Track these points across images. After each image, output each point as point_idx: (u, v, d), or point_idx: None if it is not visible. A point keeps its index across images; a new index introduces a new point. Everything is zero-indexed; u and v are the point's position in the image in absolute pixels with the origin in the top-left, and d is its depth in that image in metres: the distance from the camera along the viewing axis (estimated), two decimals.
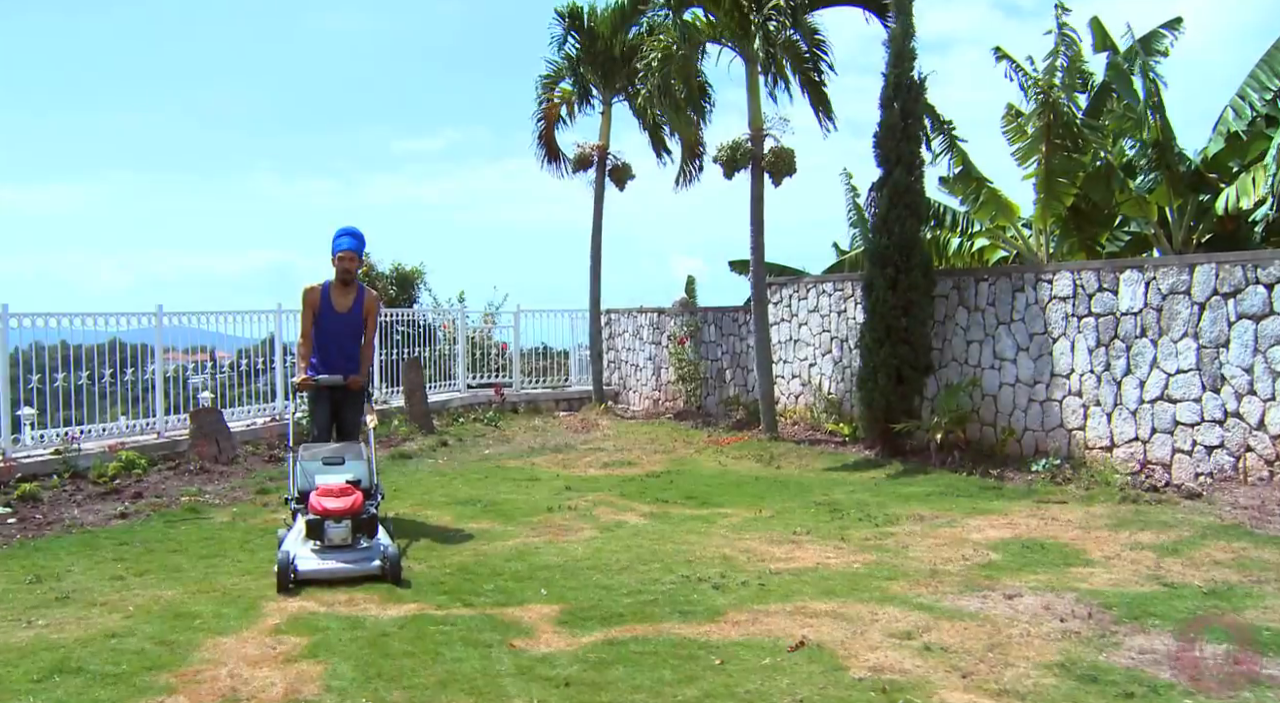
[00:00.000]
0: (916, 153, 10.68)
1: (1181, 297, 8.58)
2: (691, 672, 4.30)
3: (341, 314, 7.49)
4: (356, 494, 6.22)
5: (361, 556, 6.08)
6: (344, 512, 6.08)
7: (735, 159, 12.24)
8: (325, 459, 6.65)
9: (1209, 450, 8.38)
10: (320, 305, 7.45)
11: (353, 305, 7.52)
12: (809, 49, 12.52)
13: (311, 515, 6.12)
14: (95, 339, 10.87)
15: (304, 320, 7.52)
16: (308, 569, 5.91)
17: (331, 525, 6.06)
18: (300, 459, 6.70)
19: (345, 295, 7.50)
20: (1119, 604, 5.23)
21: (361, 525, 6.16)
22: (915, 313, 10.58)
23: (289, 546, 6.10)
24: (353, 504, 6.13)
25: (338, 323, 7.49)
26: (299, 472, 6.62)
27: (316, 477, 6.46)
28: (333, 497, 6.16)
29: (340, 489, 6.22)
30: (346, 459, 6.69)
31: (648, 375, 16.76)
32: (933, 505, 8.21)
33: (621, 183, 16.15)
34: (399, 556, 6.07)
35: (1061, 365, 9.64)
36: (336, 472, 6.52)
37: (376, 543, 6.18)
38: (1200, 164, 10.93)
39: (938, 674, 4.20)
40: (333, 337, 7.51)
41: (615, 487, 9.57)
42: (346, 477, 6.47)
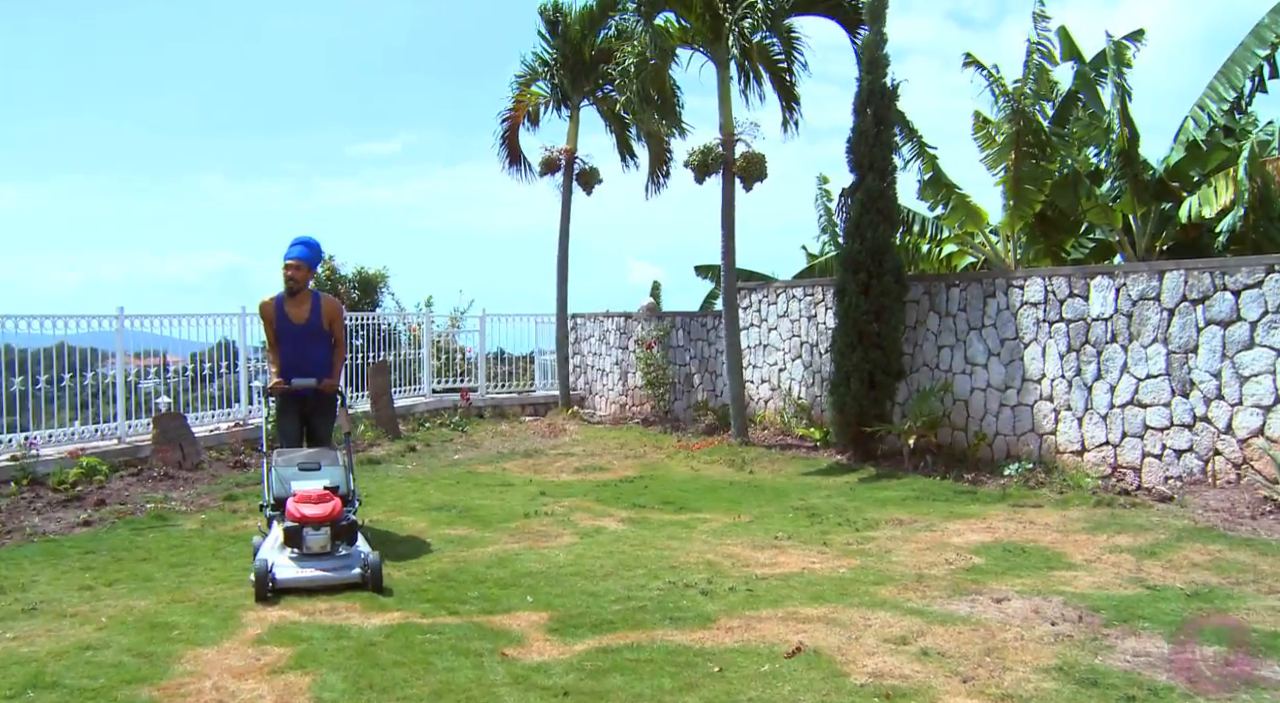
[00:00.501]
0: (889, 159, 10.74)
1: (1151, 303, 8.70)
2: (691, 679, 4.25)
3: (300, 325, 7.21)
4: (335, 500, 6.07)
5: (341, 563, 5.92)
6: (323, 518, 5.92)
7: (707, 164, 12.22)
8: (301, 465, 6.49)
9: (1178, 454, 8.50)
10: (276, 318, 7.22)
11: (309, 315, 7.23)
12: (783, 50, 12.52)
13: (289, 522, 5.95)
14: (41, 342, 10.54)
15: (266, 334, 7.36)
16: (286, 578, 5.74)
17: (310, 533, 5.90)
18: (275, 465, 6.52)
19: (299, 306, 7.19)
20: (1106, 607, 5.27)
21: (341, 532, 6.01)
22: (887, 318, 10.63)
23: (265, 553, 5.93)
24: (332, 511, 5.96)
25: (297, 333, 7.22)
26: (274, 478, 6.43)
27: (293, 483, 6.29)
28: (311, 503, 5.98)
29: (319, 495, 6.05)
30: (323, 465, 6.53)
31: (614, 380, 16.69)
32: (910, 510, 8.24)
33: (589, 187, 16.08)
34: (380, 563, 5.90)
35: (1033, 370, 9.74)
36: (313, 478, 6.36)
37: (356, 551, 6.03)
38: (1163, 173, 11.11)
39: (938, 679, 4.19)
40: (295, 347, 7.24)
41: (589, 492, 9.50)
42: (324, 483, 6.31)
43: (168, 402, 11.83)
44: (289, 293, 7.13)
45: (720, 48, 12.25)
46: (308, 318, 7.18)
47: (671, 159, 15.53)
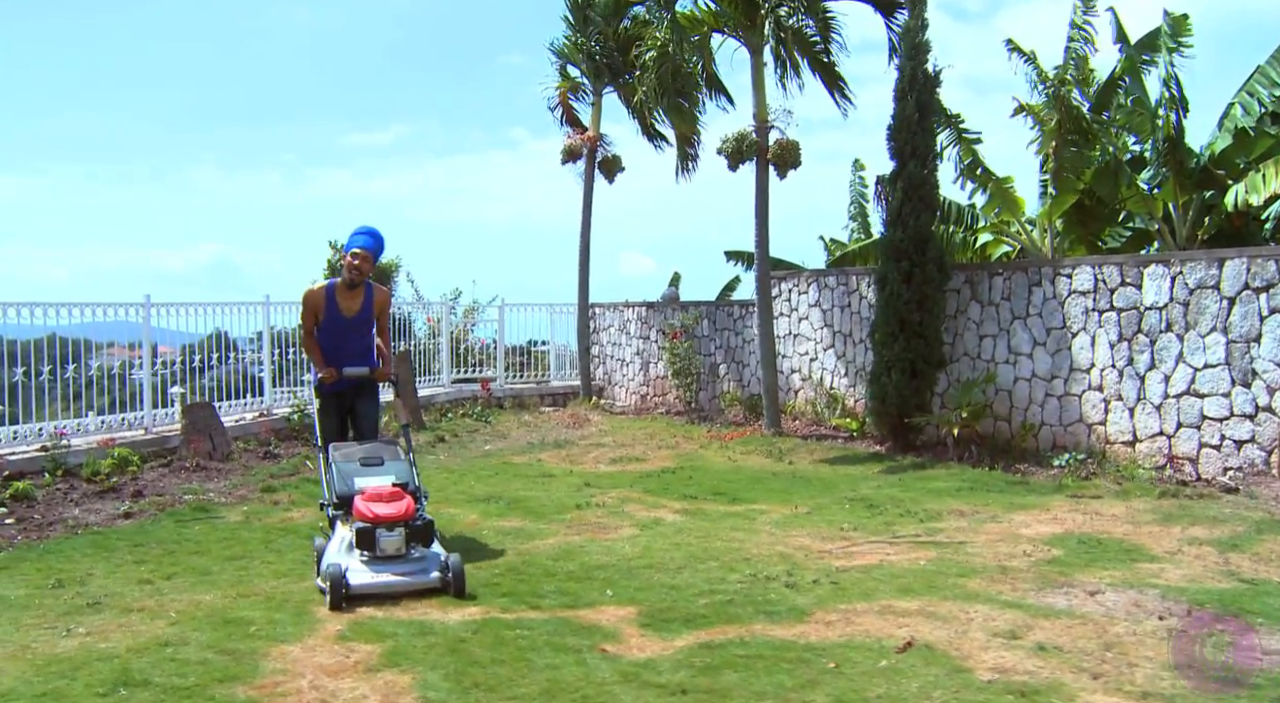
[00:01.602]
0: (931, 146, 10.60)
1: (1210, 291, 8.57)
2: (809, 676, 4.10)
3: (349, 319, 6.74)
4: (408, 498, 5.63)
5: (417, 566, 5.50)
6: (397, 517, 5.48)
7: (741, 151, 12.06)
8: (363, 460, 6.03)
9: (1238, 445, 8.38)
10: (324, 309, 6.71)
11: (360, 308, 6.76)
12: (819, 34, 12.30)
13: (360, 523, 5.48)
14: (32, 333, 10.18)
15: (305, 323, 6.85)
16: (361, 584, 5.31)
17: (384, 534, 5.45)
18: (334, 461, 6.06)
19: (353, 298, 6.73)
20: (1210, 602, 5.13)
21: (416, 533, 5.58)
22: (929, 307, 10.49)
23: (335, 557, 5.49)
24: (406, 509, 5.52)
25: (345, 326, 6.74)
26: (334, 474, 5.94)
27: (356, 479, 5.82)
28: (383, 502, 5.54)
29: (390, 493, 5.60)
30: (386, 459, 6.07)
31: (635, 370, 16.52)
32: (967, 501, 8.10)
33: (611, 175, 15.91)
34: (462, 566, 5.46)
35: (1081, 360, 9.60)
36: (378, 473, 5.90)
37: (432, 552, 5.62)
38: (1208, 160, 10.97)
39: (1066, 676, 4.05)
40: (338, 339, 6.76)
41: (634, 483, 9.34)
42: (390, 478, 5.86)
43: (182, 392, 11.60)
44: (349, 284, 6.70)
45: (754, 33, 12.07)
46: (359, 310, 6.79)
47: (700, 144, 15.31)
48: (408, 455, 6.26)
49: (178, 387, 11.68)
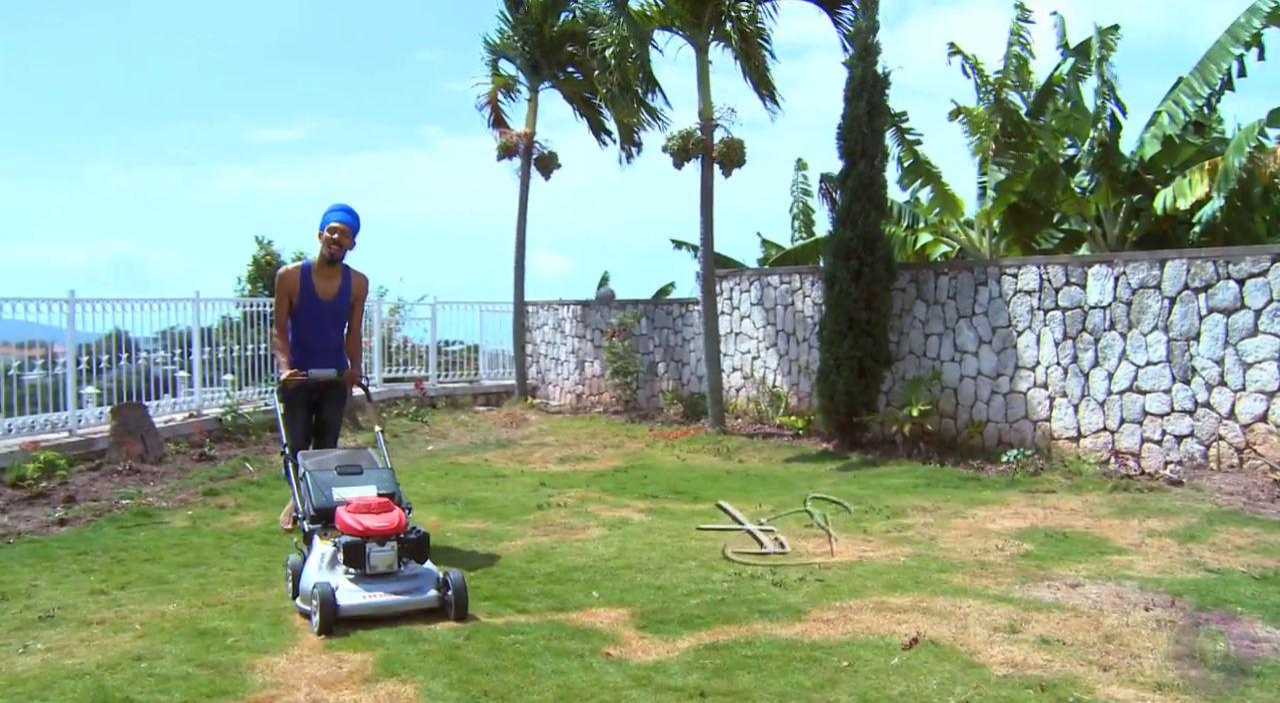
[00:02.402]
0: (880, 146, 10.72)
1: (1152, 291, 8.84)
2: (825, 675, 4.04)
3: (326, 302, 6.47)
4: (398, 510, 5.14)
5: (411, 584, 4.99)
6: (389, 531, 4.96)
7: (687, 149, 12.02)
8: (340, 469, 5.55)
9: (1179, 439, 8.66)
10: (300, 291, 6.42)
11: (338, 291, 6.51)
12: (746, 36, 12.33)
13: (347, 537, 4.94)
14: None
15: (278, 309, 6.51)
16: (352, 605, 4.77)
17: (375, 549, 4.92)
18: (307, 470, 5.52)
19: (330, 279, 6.47)
20: (1185, 592, 5.24)
21: (410, 547, 5.06)
22: (877, 306, 10.60)
23: (317, 575, 4.94)
24: (398, 522, 5.03)
25: (320, 312, 6.48)
26: (310, 485, 5.40)
27: (334, 490, 5.34)
28: (371, 513, 5.02)
29: (379, 504, 5.10)
30: (364, 468, 5.62)
31: (570, 369, 16.36)
32: (926, 496, 8.20)
33: (548, 171, 15.71)
34: (464, 583, 4.96)
35: (1027, 358, 9.82)
36: (357, 483, 5.44)
37: (426, 569, 5.12)
38: (1138, 166, 11.34)
39: (1077, 668, 4.08)
40: (314, 327, 6.48)
41: (589, 483, 9.22)
42: (371, 489, 5.41)
43: (94, 392, 11.08)
44: (328, 261, 6.41)
45: (700, 31, 12.06)
46: (336, 293, 6.49)
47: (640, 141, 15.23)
48: (385, 464, 5.85)
49: (90, 386, 11.15)
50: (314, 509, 5.30)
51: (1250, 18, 10.39)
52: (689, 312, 14.32)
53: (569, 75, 15.29)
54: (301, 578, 5.05)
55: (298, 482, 5.58)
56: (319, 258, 6.51)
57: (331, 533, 5.12)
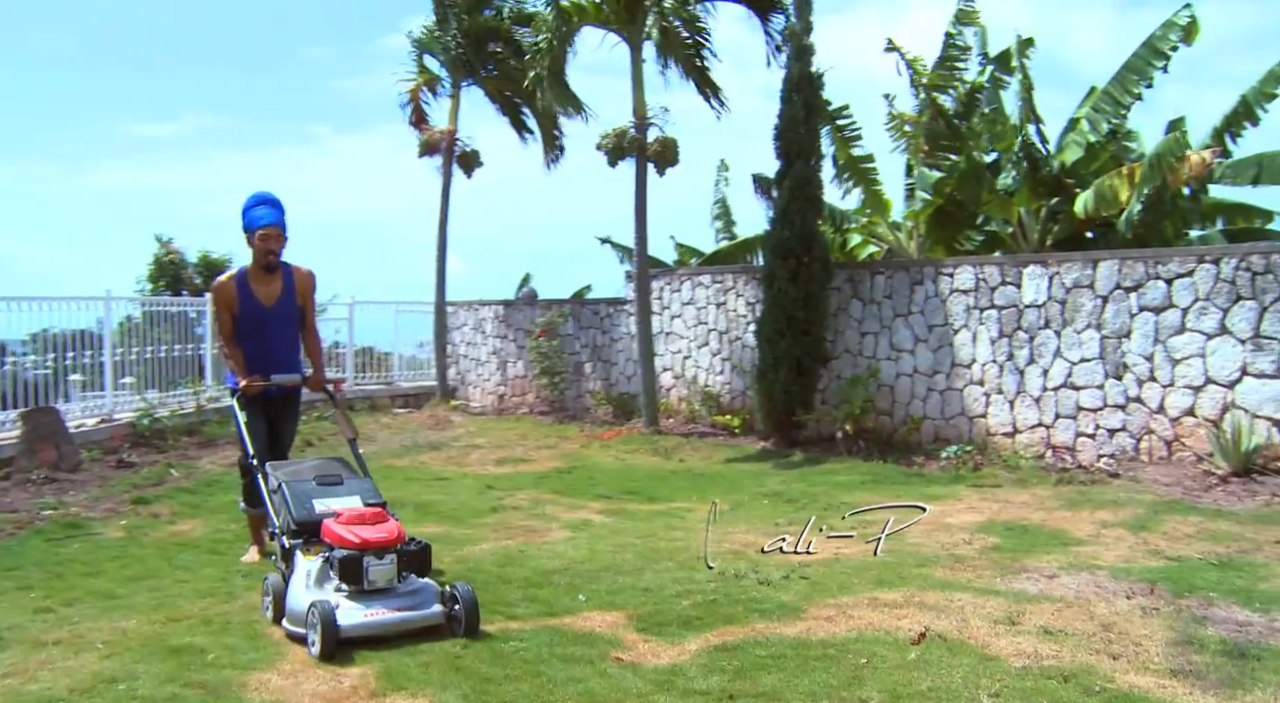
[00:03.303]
0: (816, 146, 10.83)
1: (1085, 290, 9.14)
2: (848, 673, 4.01)
3: (270, 308, 5.90)
4: (393, 520, 4.74)
5: (414, 600, 4.57)
6: (388, 542, 4.56)
7: (622, 147, 11.94)
8: (319, 479, 5.10)
9: (1111, 433, 8.98)
10: (240, 302, 5.85)
11: (281, 293, 5.92)
12: (691, 36, 12.36)
13: (341, 551, 4.52)
14: None
15: (221, 325, 5.99)
16: (353, 625, 4.34)
17: (374, 562, 4.51)
18: (282, 482, 5.06)
19: (270, 283, 5.88)
20: (1159, 580, 5.39)
21: (410, 560, 4.64)
22: (815, 305, 10.71)
23: (306, 595, 4.51)
24: (397, 533, 4.64)
25: (266, 320, 5.91)
26: (288, 497, 4.94)
27: (315, 501, 4.91)
28: (366, 524, 4.62)
29: (373, 514, 4.70)
30: (344, 478, 5.18)
31: (491, 370, 16.10)
32: (877, 493, 8.29)
33: (470, 169, 15.43)
34: (474, 596, 4.56)
35: (963, 356, 10.05)
36: (339, 494, 5.00)
37: (425, 583, 4.72)
38: (1059, 170, 11.72)
39: (1088, 658, 4.14)
40: (263, 336, 5.92)
41: (535, 484, 9.06)
42: (355, 499, 4.98)
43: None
44: (266, 268, 5.83)
45: (635, 29, 11.99)
46: (279, 297, 5.96)
47: (562, 139, 15.10)
48: (365, 473, 5.43)
49: None
50: (294, 523, 4.83)
51: (1166, 32, 10.85)
52: (617, 311, 14.24)
53: (491, 73, 15.04)
54: (288, 598, 4.62)
55: (270, 494, 5.10)
56: (252, 264, 5.87)
57: (315, 548, 4.72)
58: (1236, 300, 8.27)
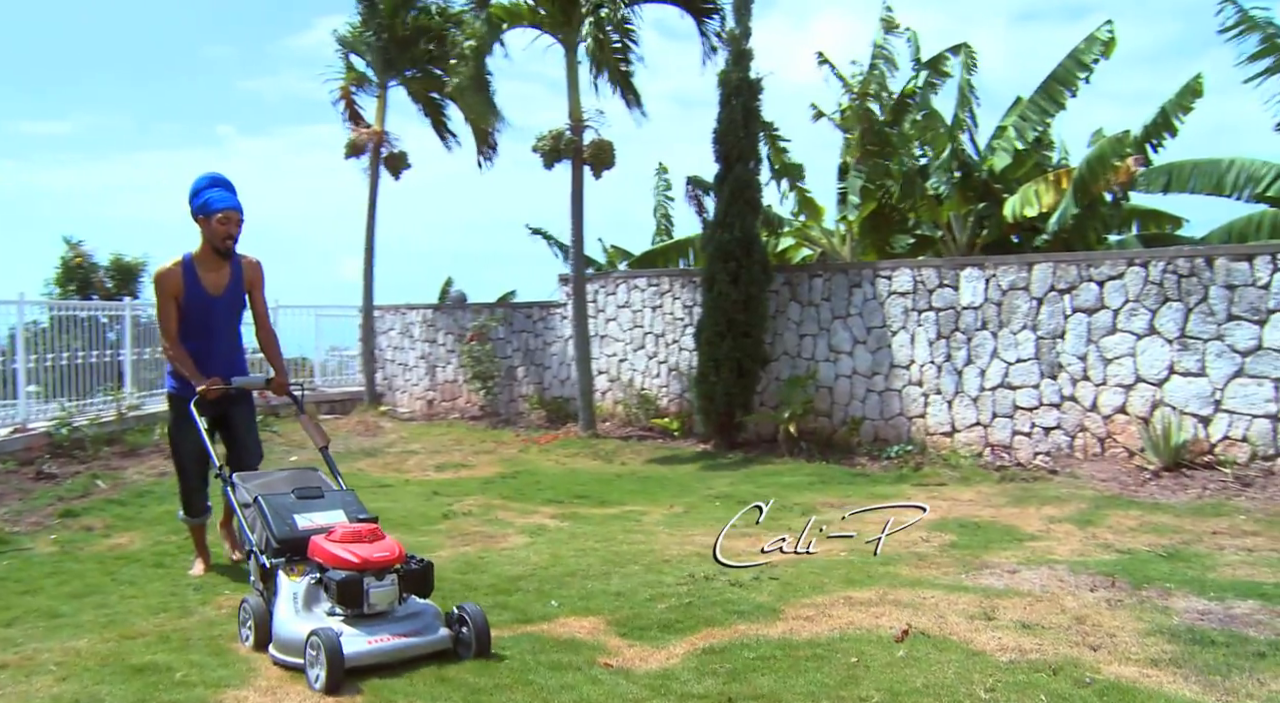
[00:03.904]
0: (755, 150, 10.93)
1: (1021, 292, 9.39)
2: (842, 673, 4.01)
3: (217, 298, 5.60)
4: (390, 538, 4.38)
5: (417, 623, 4.21)
6: (389, 562, 4.20)
7: (558, 149, 11.86)
8: (299, 492, 4.72)
9: (1047, 432, 9.23)
10: (185, 289, 5.52)
11: (229, 282, 5.64)
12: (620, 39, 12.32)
13: (338, 572, 4.13)
14: None
15: (166, 317, 5.55)
16: (357, 653, 3.95)
17: (375, 584, 4.15)
18: (259, 496, 4.67)
19: (219, 270, 5.58)
20: (1115, 572, 5.55)
21: (413, 580, 4.29)
22: (754, 307, 10.79)
23: (296, 620, 4.15)
24: (398, 551, 4.28)
25: (211, 309, 5.61)
26: (266, 512, 4.56)
27: (297, 517, 4.55)
28: (364, 542, 4.24)
29: (369, 531, 4.33)
30: (324, 491, 4.84)
31: (420, 375, 15.83)
32: (826, 493, 8.38)
33: (397, 171, 15.16)
34: (485, 617, 4.27)
35: (901, 357, 10.23)
36: (322, 508, 4.64)
37: (427, 604, 4.36)
38: (988, 175, 12.04)
39: (1070, 650, 4.21)
40: (207, 330, 5.62)
41: (481, 490, 8.93)
42: (339, 513, 4.62)
43: None
44: (222, 254, 5.55)
45: (570, 31, 11.92)
46: (228, 286, 5.63)
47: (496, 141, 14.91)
48: (342, 485, 5.09)
49: None
50: (276, 541, 4.45)
51: (1089, 46, 11.24)
52: (549, 314, 14.14)
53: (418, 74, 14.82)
54: (275, 625, 4.24)
55: (242, 508, 4.76)
56: (202, 249, 5.56)
57: (299, 568, 4.34)
58: (1164, 302, 8.59)
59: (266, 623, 4.30)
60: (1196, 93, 11.47)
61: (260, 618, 4.35)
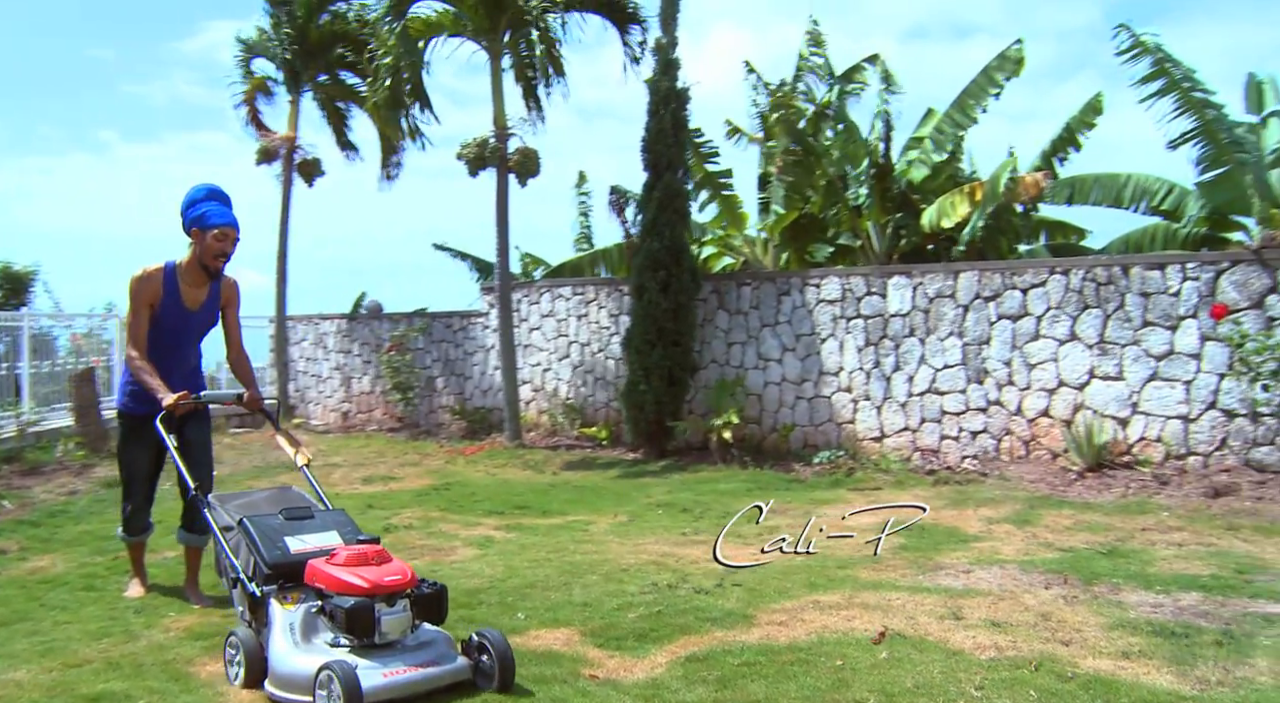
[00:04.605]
0: (683, 159, 10.98)
1: (947, 299, 9.65)
2: (830, 676, 4.02)
3: (193, 313, 5.32)
4: (399, 560, 4.05)
5: (432, 653, 3.88)
6: (402, 586, 3.89)
7: (483, 157, 11.72)
8: (288, 513, 4.40)
9: (974, 435, 9.50)
10: (163, 298, 5.21)
11: (207, 299, 5.34)
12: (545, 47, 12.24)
13: (345, 599, 3.80)
14: None
15: (137, 325, 5.18)
16: (376, 687, 3.60)
17: (386, 611, 3.84)
18: (245, 517, 4.35)
19: (200, 286, 5.29)
20: (1063, 570, 5.73)
21: (426, 605, 3.98)
22: (684, 316, 10.84)
23: (296, 653, 3.83)
24: (410, 574, 3.96)
25: (185, 325, 5.33)
26: (254, 536, 4.23)
27: (288, 540, 4.22)
28: (371, 565, 3.90)
29: (375, 552, 3.98)
30: (313, 511, 4.53)
31: (334, 386, 15.42)
32: (766, 499, 8.41)
33: (310, 178, 14.77)
34: (509, 645, 3.95)
35: (830, 364, 10.40)
36: (315, 530, 4.33)
37: (439, 632, 4.05)
38: (906, 186, 12.35)
39: (1044, 646, 4.32)
40: (176, 345, 5.32)
41: (416, 503, 8.72)
42: (333, 535, 4.31)
43: None
44: (209, 272, 5.25)
45: (495, 39, 11.81)
46: (205, 302, 5.33)
47: (404, 151, 14.68)
48: (325, 503, 4.78)
49: None
50: (267, 566, 4.11)
51: (1001, 63, 11.65)
52: (470, 324, 13.94)
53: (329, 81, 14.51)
54: (272, 659, 3.89)
55: (223, 532, 4.43)
56: (189, 262, 5.25)
57: (294, 596, 4.05)
58: (1084, 309, 8.93)
59: (260, 658, 3.95)
60: (1097, 110, 12.05)
61: (252, 653, 3.97)
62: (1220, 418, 8.30)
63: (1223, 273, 8.33)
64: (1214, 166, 10.22)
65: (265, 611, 4.04)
